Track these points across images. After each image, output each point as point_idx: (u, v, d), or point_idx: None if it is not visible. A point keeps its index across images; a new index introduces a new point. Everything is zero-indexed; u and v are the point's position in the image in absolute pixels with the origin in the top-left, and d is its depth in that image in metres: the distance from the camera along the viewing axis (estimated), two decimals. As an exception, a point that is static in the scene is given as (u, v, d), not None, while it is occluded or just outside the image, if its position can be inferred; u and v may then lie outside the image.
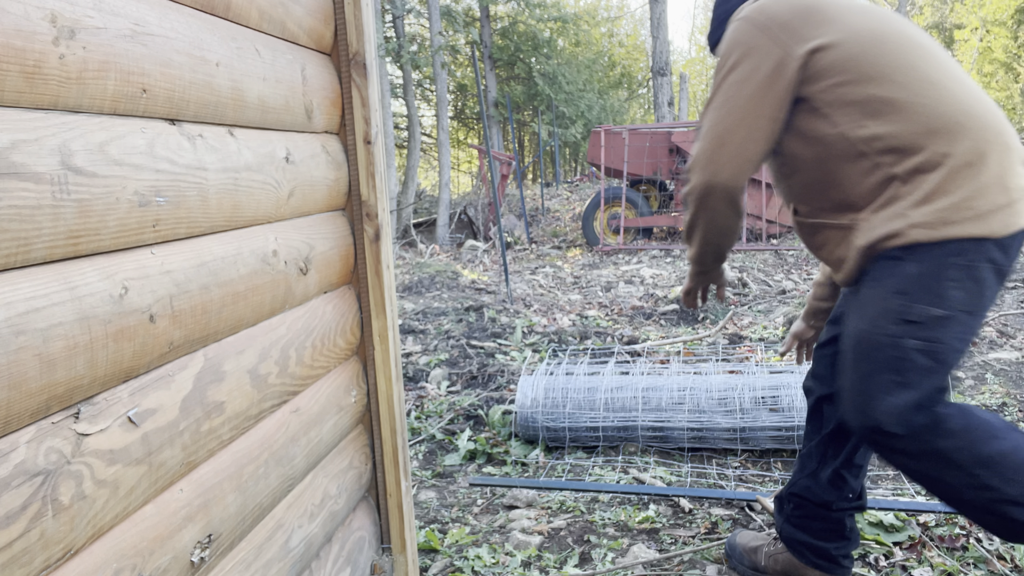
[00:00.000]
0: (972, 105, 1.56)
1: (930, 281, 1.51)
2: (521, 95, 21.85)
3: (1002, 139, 1.56)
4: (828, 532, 1.98)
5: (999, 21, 24.72)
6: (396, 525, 1.90)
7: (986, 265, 1.52)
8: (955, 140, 1.51)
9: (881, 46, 1.56)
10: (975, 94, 1.60)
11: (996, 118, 1.59)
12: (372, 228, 1.77)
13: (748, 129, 1.59)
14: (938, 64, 1.58)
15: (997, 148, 1.54)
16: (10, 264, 0.82)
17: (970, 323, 1.53)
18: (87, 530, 0.92)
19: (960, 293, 1.51)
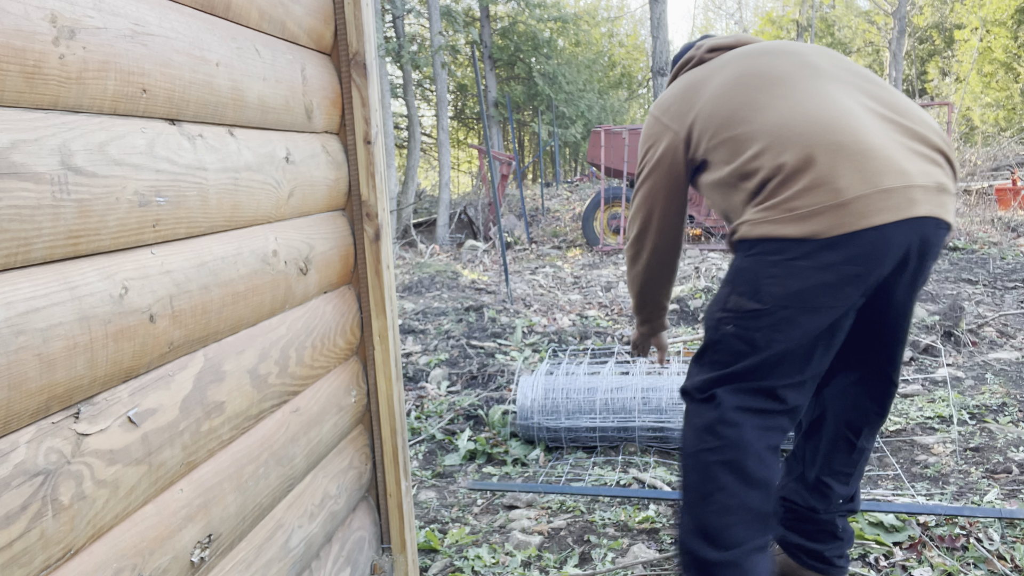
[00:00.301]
0: (796, 116, 1.65)
1: (749, 275, 1.67)
2: (521, 95, 21.85)
3: (831, 140, 1.59)
4: (820, 534, 1.97)
5: (999, 21, 24.72)
6: (396, 525, 1.90)
7: (806, 264, 1.59)
8: (784, 151, 1.62)
9: (730, 96, 1.75)
10: (806, 105, 1.65)
11: (825, 122, 1.62)
12: (372, 228, 1.77)
13: (666, 202, 1.87)
14: (777, 90, 1.70)
15: (825, 150, 1.58)
16: (10, 264, 0.82)
17: (793, 317, 1.63)
18: (87, 530, 0.92)
19: (777, 289, 1.62)
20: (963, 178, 13.04)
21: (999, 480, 2.70)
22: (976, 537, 2.28)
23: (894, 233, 1.56)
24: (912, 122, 1.66)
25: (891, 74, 23.31)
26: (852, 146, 1.58)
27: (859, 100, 1.67)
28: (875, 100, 1.69)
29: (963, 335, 4.50)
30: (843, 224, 1.55)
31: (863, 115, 1.63)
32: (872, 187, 1.55)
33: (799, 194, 1.59)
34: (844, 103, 1.65)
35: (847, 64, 1.79)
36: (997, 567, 2.12)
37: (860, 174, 1.55)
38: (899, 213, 1.55)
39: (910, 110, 1.69)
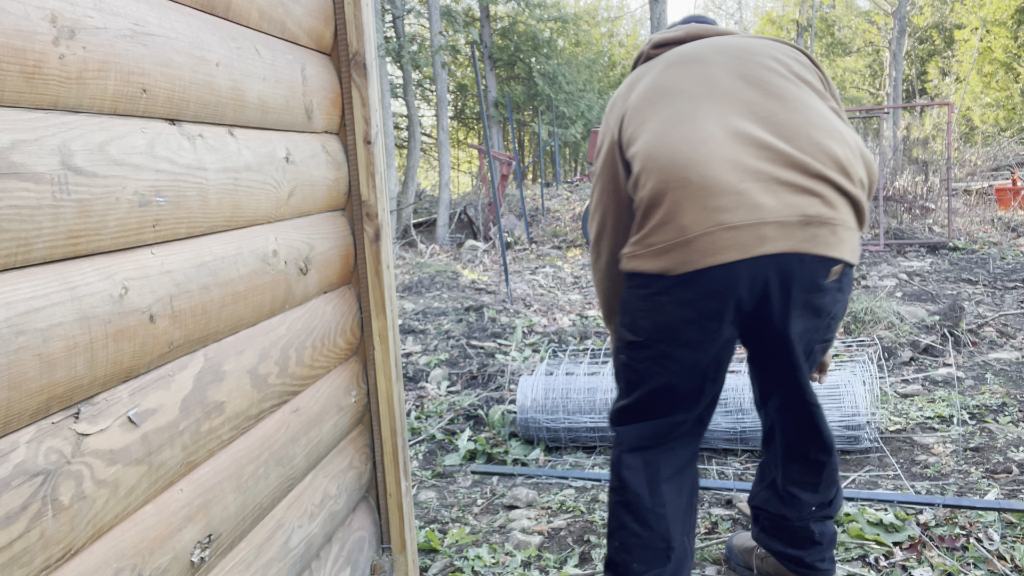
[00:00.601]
0: (660, 144, 1.61)
1: (628, 307, 1.71)
2: (521, 95, 21.85)
3: (680, 175, 1.55)
4: (797, 540, 1.95)
5: (999, 21, 24.72)
6: (396, 525, 1.90)
7: (666, 299, 1.61)
8: (647, 181, 1.60)
9: (637, 108, 1.72)
10: (672, 132, 1.61)
11: (679, 155, 1.57)
12: (372, 228, 1.77)
13: (617, 206, 1.81)
14: (660, 110, 1.66)
15: (674, 185, 1.55)
16: (10, 264, 0.82)
17: (667, 351, 1.66)
18: (87, 530, 0.92)
19: (647, 322, 1.66)
20: (963, 178, 13.04)
21: (999, 480, 2.70)
22: (976, 537, 2.28)
23: (742, 270, 1.53)
24: (795, 147, 1.57)
25: (891, 74, 23.31)
26: (697, 182, 1.54)
27: (732, 126, 1.59)
28: (760, 122, 1.60)
29: (963, 335, 4.50)
30: (689, 262, 1.54)
31: (724, 146, 1.56)
32: (715, 224, 1.51)
33: (654, 229, 1.59)
34: (708, 131, 1.58)
35: (756, 73, 1.68)
36: (997, 567, 2.12)
37: (703, 212, 1.52)
38: (745, 251, 1.51)
39: (800, 132, 1.59)
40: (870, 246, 8.32)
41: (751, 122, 1.60)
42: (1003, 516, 2.39)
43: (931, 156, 11.24)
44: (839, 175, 1.57)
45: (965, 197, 12.31)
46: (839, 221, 1.56)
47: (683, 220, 1.53)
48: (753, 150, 1.56)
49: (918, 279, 6.59)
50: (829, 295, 1.62)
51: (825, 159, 1.57)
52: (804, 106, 1.62)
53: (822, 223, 1.54)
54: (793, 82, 1.67)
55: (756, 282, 1.55)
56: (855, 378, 3.11)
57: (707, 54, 1.74)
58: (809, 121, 1.60)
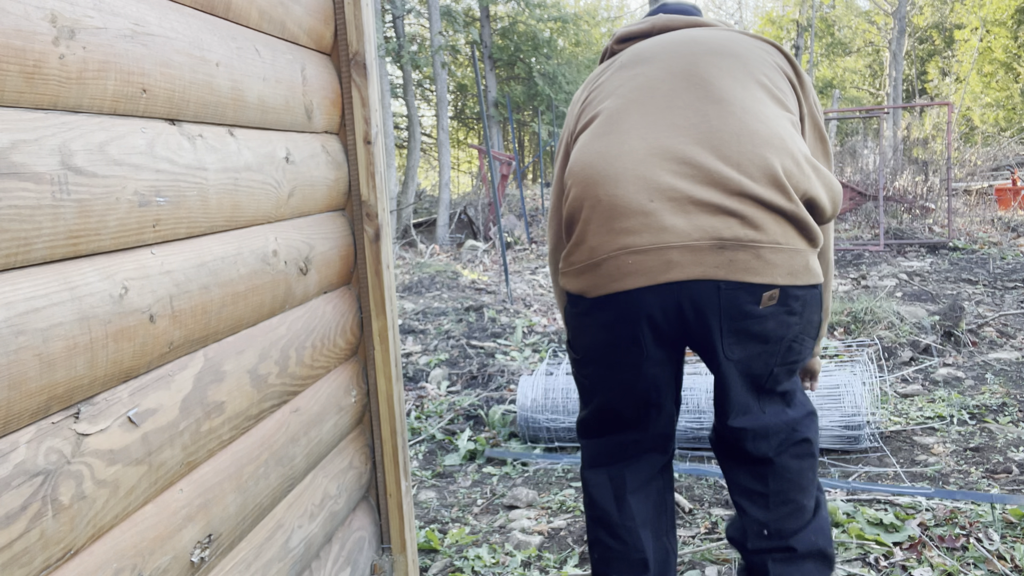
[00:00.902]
0: (585, 156, 1.52)
1: (568, 322, 1.65)
2: (521, 95, 21.84)
3: (592, 192, 1.46)
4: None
5: (999, 21, 24.72)
6: (396, 525, 1.90)
7: (588, 320, 1.55)
8: (569, 197, 1.54)
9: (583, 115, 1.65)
10: (597, 143, 1.51)
11: (595, 170, 1.48)
12: (372, 228, 1.77)
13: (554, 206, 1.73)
14: (597, 118, 1.57)
15: (588, 203, 1.47)
16: (10, 264, 0.82)
17: (600, 372, 1.61)
18: (87, 530, 0.92)
19: (580, 340, 1.62)
20: (963, 178, 13.04)
21: (999, 480, 2.70)
22: (976, 537, 2.28)
23: (649, 297, 1.43)
24: (721, 158, 1.42)
25: (891, 74, 23.32)
26: (605, 201, 1.44)
27: (655, 139, 1.46)
28: (687, 132, 1.46)
29: (963, 335, 4.50)
30: (599, 286, 1.46)
31: (640, 161, 1.44)
32: (619, 248, 1.42)
33: (573, 248, 1.52)
34: (628, 145, 1.47)
35: (703, 72, 1.53)
36: (997, 567, 2.12)
37: (609, 234, 1.43)
38: (651, 278, 1.40)
39: (730, 141, 1.43)
40: (870, 246, 8.32)
41: (677, 133, 1.46)
42: (1003, 516, 2.39)
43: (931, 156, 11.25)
44: (770, 190, 1.40)
45: (965, 197, 12.32)
46: (765, 242, 1.40)
47: (592, 241, 1.46)
48: (671, 165, 1.43)
49: (918, 279, 6.59)
50: (772, 320, 1.46)
51: (755, 172, 1.41)
52: (745, 111, 1.47)
53: (740, 246, 1.39)
54: (742, 83, 1.52)
55: (668, 310, 1.45)
56: (855, 378, 3.11)
57: (658, 53, 1.62)
58: (745, 128, 1.44)
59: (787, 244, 1.43)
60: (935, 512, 2.45)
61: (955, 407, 3.45)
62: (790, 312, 1.47)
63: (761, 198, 1.40)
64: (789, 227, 1.44)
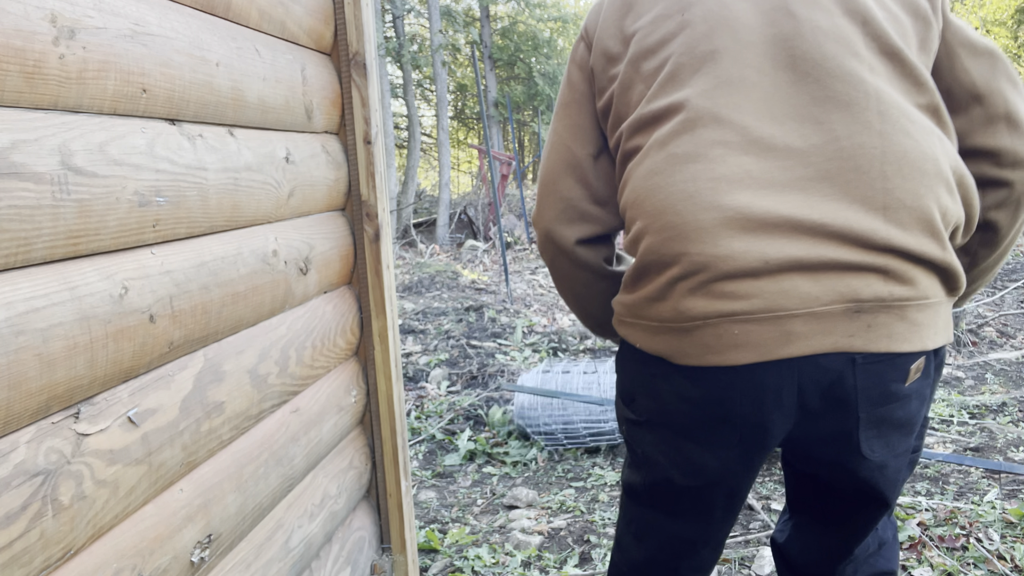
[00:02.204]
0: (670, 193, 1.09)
1: (623, 374, 1.26)
2: (521, 95, 21.84)
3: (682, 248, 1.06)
4: None
5: (999, 21, 24.73)
6: (396, 525, 1.90)
7: (666, 386, 1.15)
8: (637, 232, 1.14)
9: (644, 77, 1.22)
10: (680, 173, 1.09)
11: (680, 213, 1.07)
12: (372, 228, 1.77)
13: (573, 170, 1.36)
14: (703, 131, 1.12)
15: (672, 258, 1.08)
16: (10, 264, 0.82)
17: (672, 440, 1.18)
18: (87, 530, 0.92)
19: (647, 403, 1.20)
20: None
21: (999, 480, 2.70)
22: (976, 537, 2.28)
23: (763, 377, 1.06)
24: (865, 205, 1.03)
25: (891, 74, 23.29)
26: (701, 261, 1.05)
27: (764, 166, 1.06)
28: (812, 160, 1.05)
29: (963, 335, 4.50)
30: (688, 355, 1.09)
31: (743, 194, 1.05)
32: (722, 314, 1.05)
33: (647, 301, 1.13)
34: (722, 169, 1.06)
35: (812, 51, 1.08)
36: (997, 567, 2.12)
37: (707, 297, 1.05)
38: (763, 352, 1.04)
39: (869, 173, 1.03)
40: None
41: (793, 165, 1.06)
42: (1003, 516, 2.39)
43: (931, 156, 11.19)
44: (925, 240, 1.04)
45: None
46: (913, 300, 1.04)
47: (684, 302, 1.07)
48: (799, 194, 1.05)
49: (918, 279, 6.59)
50: (916, 399, 1.09)
51: (907, 217, 1.03)
52: (883, 116, 1.05)
53: (882, 307, 1.03)
54: (869, 66, 1.07)
55: (786, 395, 1.07)
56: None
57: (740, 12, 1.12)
58: (890, 149, 1.04)
59: (936, 298, 1.08)
60: (935, 512, 2.45)
61: (955, 407, 3.45)
62: (931, 385, 1.12)
63: (915, 252, 1.03)
64: (937, 278, 1.08)
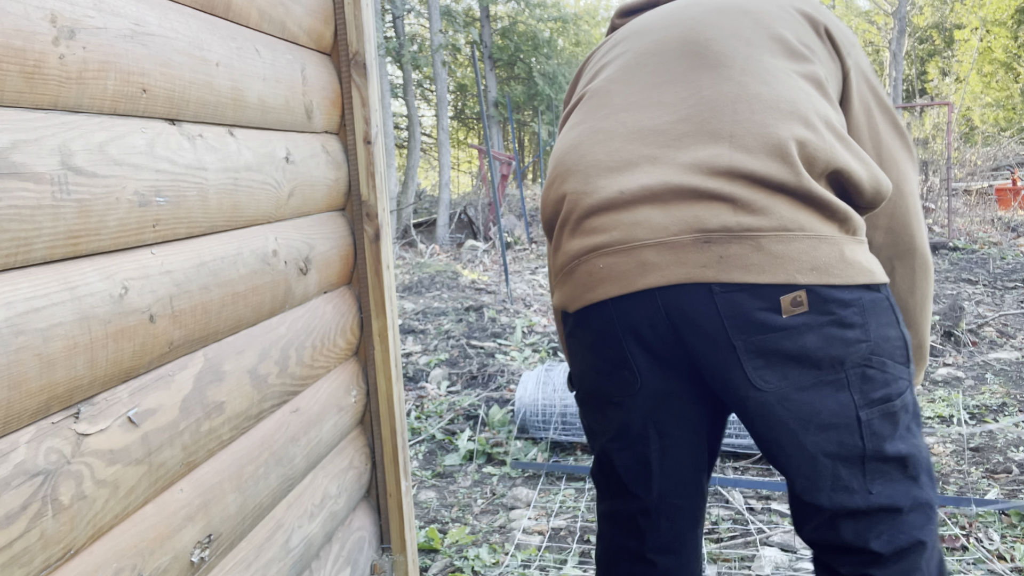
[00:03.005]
0: (562, 148, 1.27)
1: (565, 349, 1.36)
2: (521, 95, 21.85)
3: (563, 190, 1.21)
4: None
5: (999, 21, 24.73)
6: (396, 525, 1.90)
7: (574, 342, 1.25)
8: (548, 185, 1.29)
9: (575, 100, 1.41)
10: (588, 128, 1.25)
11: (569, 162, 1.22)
12: (372, 228, 1.77)
13: None
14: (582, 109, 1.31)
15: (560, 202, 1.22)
16: (10, 264, 0.82)
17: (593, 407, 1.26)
18: (87, 530, 0.92)
19: (574, 367, 1.29)
20: (963, 178, 13.04)
21: (999, 480, 2.70)
22: (976, 537, 2.28)
23: (629, 308, 1.13)
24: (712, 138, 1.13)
25: (891, 74, 23.32)
26: (574, 198, 1.18)
27: (635, 121, 1.20)
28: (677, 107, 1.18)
29: (963, 335, 4.50)
30: (575, 297, 1.18)
31: (615, 151, 1.18)
32: (589, 248, 1.15)
33: (552, 254, 1.26)
34: (604, 133, 1.22)
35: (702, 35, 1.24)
36: (997, 567, 2.12)
37: (579, 234, 1.17)
38: (625, 284, 1.11)
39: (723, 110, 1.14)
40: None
41: (661, 112, 1.19)
42: (1003, 516, 2.39)
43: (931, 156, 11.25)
44: (773, 163, 1.08)
45: (965, 197, 12.32)
46: (767, 229, 1.07)
47: (565, 244, 1.19)
48: (656, 147, 1.17)
49: (918, 279, 6.58)
50: (813, 334, 1.08)
51: (752, 143, 1.10)
52: (745, 71, 1.18)
53: (732, 237, 1.07)
54: (748, 40, 1.22)
55: (657, 326, 1.13)
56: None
57: (655, 22, 1.34)
58: (743, 93, 1.15)
59: (804, 230, 1.08)
60: (935, 512, 2.45)
61: (955, 407, 3.45)
62: (840, 323, 1.09)
63: (759, 175, 1.08)
64: (805, 209, 1.09)
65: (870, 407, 1.11)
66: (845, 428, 1.10)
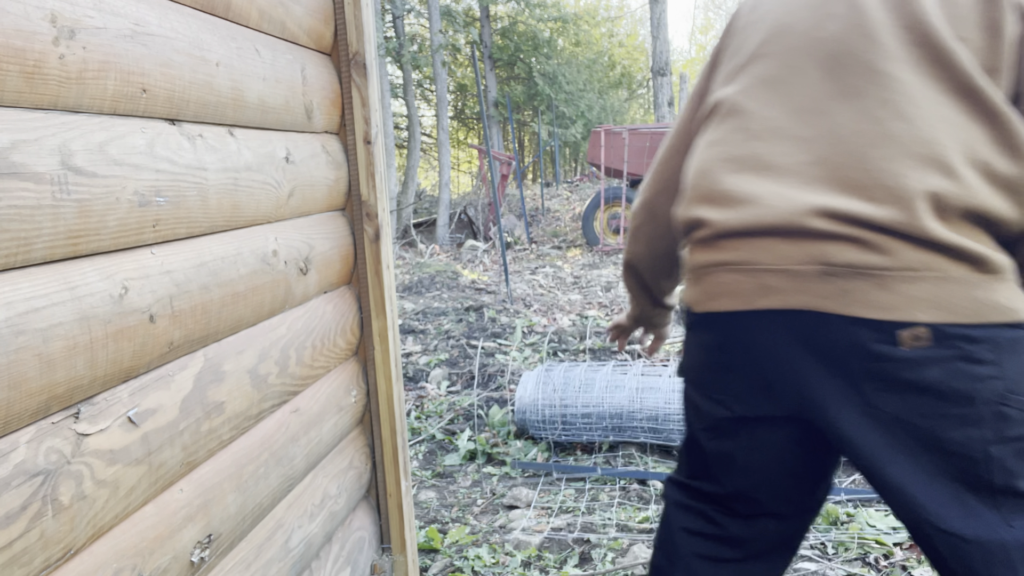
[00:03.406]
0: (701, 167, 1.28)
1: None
2: (521, 95, 21.85)
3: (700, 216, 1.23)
4: None
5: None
6: (396, 525, 1.90)
7: (691, 336, 1.29)
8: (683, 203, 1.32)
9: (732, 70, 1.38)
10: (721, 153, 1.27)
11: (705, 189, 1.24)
12: (372, 228, 1.77)
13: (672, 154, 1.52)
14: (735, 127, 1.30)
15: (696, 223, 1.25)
16: (10, 264, 0.82)
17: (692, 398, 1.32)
18: (87, 530, 0.92)
19: (685, 358, 1.34)
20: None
21: (999, 480, 2.70)
22: (976, 537, 2.28)
23: (747, 325, 1.17)
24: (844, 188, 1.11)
25: (891, 74, 23.28)
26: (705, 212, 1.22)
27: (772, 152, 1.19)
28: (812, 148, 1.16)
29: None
30: (699, 301, 1.22)
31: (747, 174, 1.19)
32: (718, 262, 1.19)
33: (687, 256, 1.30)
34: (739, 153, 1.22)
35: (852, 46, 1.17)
36: (997, 567, 2.12)
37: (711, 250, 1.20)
38: (744, 301, 1.15)
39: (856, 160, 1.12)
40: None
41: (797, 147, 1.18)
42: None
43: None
44: (902, 213, 1.07)
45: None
46: (894, 269, 1.07)
47: (696, 254, 1.23)
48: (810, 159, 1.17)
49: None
50: (937, 368, 1.06)
51: (882, 196, 1.08)
52: (885, 104, 1.12)
53: (856, 274, 1.08)
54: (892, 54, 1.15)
55: (769, 345, 1.15)
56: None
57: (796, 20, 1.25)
58: (880, 135, 1.11)
59: (931, 270, 1.07)
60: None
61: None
62: (967, 359, 1.06)
63: (887, 224, 1.07)
64: (932, 253, 1.07)
65: (1003, 443, 1.07)
66: (970, 459, 1.07)
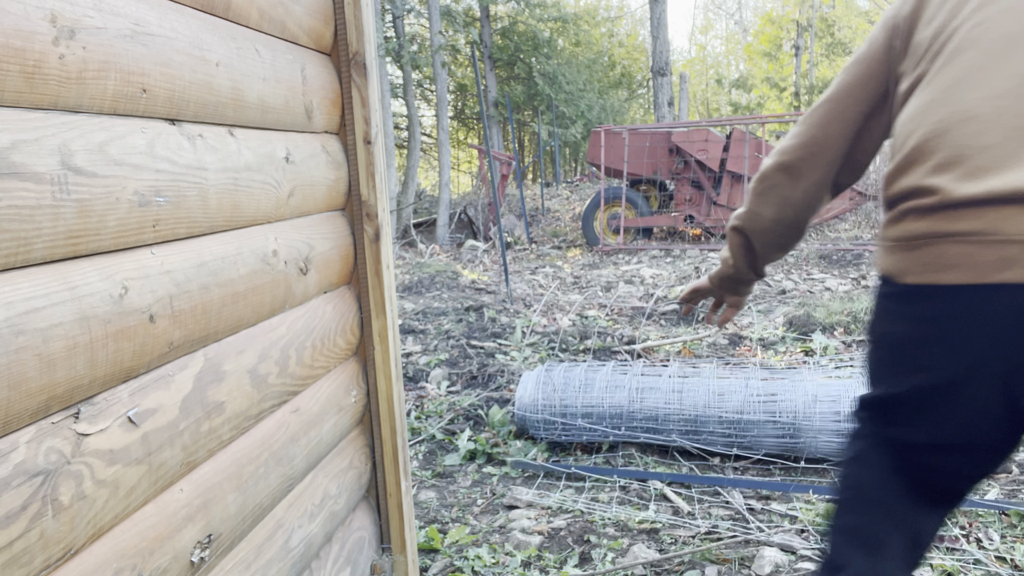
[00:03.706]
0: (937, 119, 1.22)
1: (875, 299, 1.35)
2: (521, 95, 21.84)
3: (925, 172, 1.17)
4: None
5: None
6: (396, 525, 1.90)
7: (892, 306, 1.23)
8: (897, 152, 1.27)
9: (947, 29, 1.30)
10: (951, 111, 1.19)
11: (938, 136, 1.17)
12: (372, 228, 1.77)
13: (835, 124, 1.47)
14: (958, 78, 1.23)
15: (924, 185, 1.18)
16: (10, 264, 0.82)
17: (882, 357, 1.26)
18: (87, 530, 0.92)
19: (879, 325, 1.28)
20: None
21: (999, 480, 2.70)
22: (976, 537, 2.28)
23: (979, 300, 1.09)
24: None
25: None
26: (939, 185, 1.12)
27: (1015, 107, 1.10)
28: None
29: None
30: (909, 271, 1.16)
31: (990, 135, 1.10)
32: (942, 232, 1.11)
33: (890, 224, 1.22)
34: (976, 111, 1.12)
35: None
36: (997, 567, 2.12)
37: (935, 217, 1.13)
38: (978, 274, 1.08)
39: None
40: (870, 246, 8.32)
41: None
42: (1003, 516, 2.39)
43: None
44: None
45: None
46: None
47: (911, 222, 1.16)
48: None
49: (918, 279, 6.58)
50: None
51: None
52: None
53: None
54: None
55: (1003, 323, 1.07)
56: (855, 380, 3.11)
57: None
58: None
59: None
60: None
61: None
62: None
63: None
64: None
65: None
66: None
